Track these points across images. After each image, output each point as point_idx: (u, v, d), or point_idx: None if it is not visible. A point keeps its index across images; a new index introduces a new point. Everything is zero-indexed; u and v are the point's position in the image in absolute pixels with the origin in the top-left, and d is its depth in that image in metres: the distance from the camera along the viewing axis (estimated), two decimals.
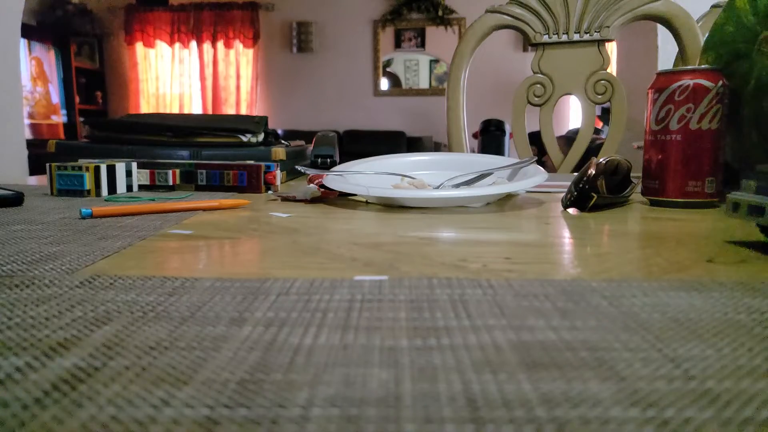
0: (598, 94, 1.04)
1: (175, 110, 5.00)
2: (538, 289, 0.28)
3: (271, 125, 4.82)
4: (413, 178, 0.66)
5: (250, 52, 4.89)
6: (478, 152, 2.76)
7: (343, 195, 0.65)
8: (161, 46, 5.01)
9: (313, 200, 0.62)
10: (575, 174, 0.89)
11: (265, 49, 4.94)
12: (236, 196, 0.67)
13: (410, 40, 4.78)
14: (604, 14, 1.01)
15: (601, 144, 1.07)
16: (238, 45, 4.90)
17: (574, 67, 1.05)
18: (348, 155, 4.28)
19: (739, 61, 0.59)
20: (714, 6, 1.08)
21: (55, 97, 4.44)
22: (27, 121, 4.06)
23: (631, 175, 0.61)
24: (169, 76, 5.04)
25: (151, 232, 0.43)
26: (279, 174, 0.70)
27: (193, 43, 4.98)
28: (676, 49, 0.99)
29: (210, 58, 4.98)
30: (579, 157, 1.08)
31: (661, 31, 2.14)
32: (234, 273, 0.31)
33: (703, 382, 0.17)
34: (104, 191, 0.66)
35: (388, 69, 4.90)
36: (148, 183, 0.72)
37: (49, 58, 4.39)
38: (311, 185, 0.64)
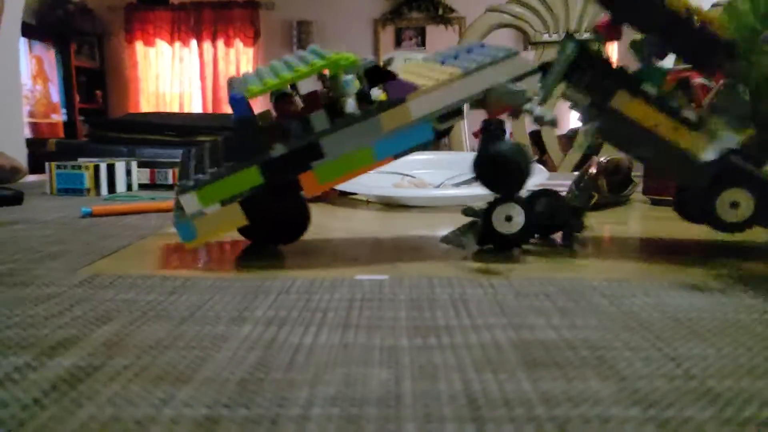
0: None
1: (175, 109, 4.99)
2: (539, 288, 0.28)
3: None
4: (414, 177, 0.66)
5: (251, 51, 4.89)
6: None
7: (343, 194, 0.64)
8: (161, 45, 5.00)
9: (313, 200, 0.62)
10: (576, 173, 0.89)
11: (266, 48, 4.93)
12: None
13: (410, 39, 4.78)
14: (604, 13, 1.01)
15: (602, 143, 1.07)
16: (238, 44, 4.90)
17: None
18: None
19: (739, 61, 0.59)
20: (714, 6, 1.08)
21: (55, 96, 4.44)
22: (27, 120, 4.06)
23: (632, 174, 0.61)
24: (170, 75, 5.04)
25: (151, 232, 0.43)
26: None
27: (194, 42, 4.97)
28: None
29: (210, 57, 4.97)
30: (579, 156, 1.08)
31: None
32: (234, 273, 0.31)
33: (704, 382, 0.17)
34: (104, 190, 0.66)
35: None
36: (148, 182, 0.72)
37: (49, 56, 4.39)
38: None
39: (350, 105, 0.31)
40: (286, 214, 0.33)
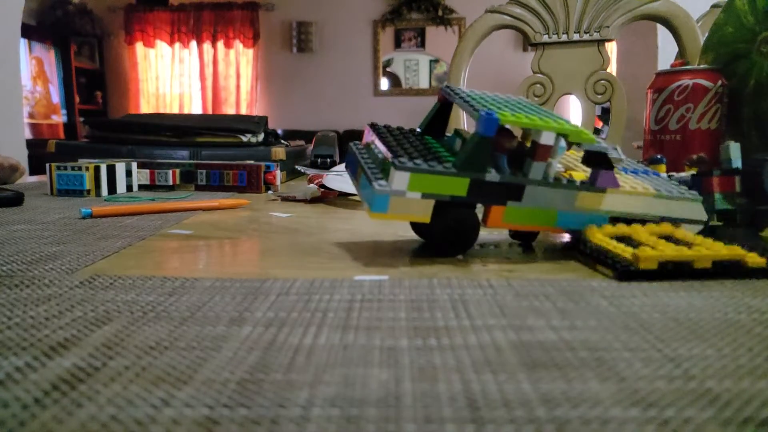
0: (598, 94, 1.04)
1: (175, 110, 5.00)
2: (538, 289, 0.28)
3: (271, 125, 4.81)
4: None
5: (250, 52, 4.89)
6: None
7: (343, 195, 0.64)
8: (161, 46, 5.01)
9: (313, 200, 0.62)
10: None
11: (265, 49, 4.93)
12: (236, 196, 0.67)
13: (410, 39, 4.78)
14: (604, 14, 1.01)
15: None
16: (238, 45, 4.90)
17: (574, 67, 1.05)
18: None
19: (739, 62, 0.59)
20: (714, 6, 1.08)
21: (55, 96, 4.44)
22: (27, 121, 4.05)
23: None
24: (169, 76, 5.04)
25: (151, 232, 0.43)
26: (279, 174, 0.70)
27: (193, 43, 4.98)
28: (676, 49, 0.99)
29: (210, 58, 4.98)
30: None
31: (661, 31, 2.14)
32: (234, 273, 0.31)
33: (704, 382, 0.17)
34: (104, 191, 0.66)
35: (388, 69, 4.90)
36: (148, 183, 0.72)
37: (49, 57, 4.39)
38: (311, 185, 0.64)
39: (554, 167, 0.34)
40: (463, 228, 0.34)
